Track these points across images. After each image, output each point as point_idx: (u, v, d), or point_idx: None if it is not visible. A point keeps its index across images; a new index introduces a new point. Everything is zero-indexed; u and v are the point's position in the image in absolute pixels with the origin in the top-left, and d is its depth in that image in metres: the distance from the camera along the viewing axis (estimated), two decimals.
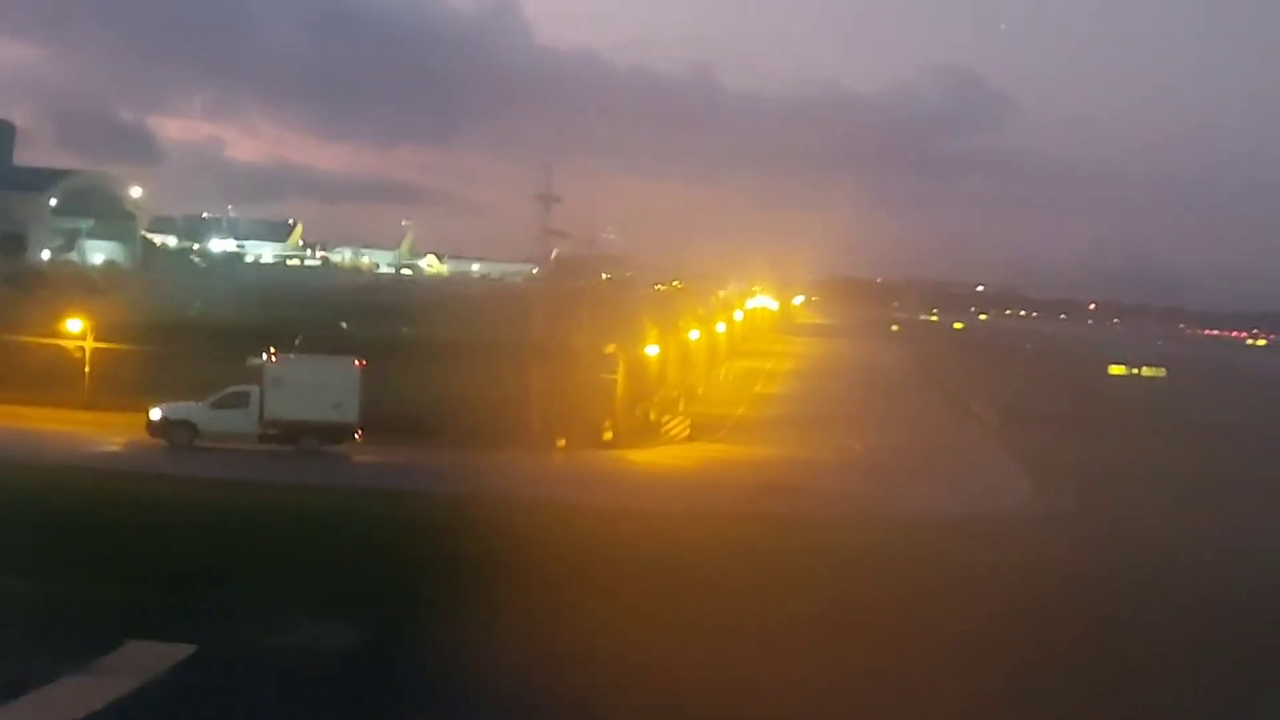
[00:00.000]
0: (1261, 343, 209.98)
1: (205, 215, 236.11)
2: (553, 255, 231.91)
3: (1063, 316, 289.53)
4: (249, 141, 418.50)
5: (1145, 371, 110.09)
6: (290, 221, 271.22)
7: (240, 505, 33.89)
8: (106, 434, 43.44)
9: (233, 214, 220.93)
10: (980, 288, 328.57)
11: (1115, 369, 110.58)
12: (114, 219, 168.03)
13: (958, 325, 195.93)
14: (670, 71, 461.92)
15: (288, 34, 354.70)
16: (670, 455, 50.62)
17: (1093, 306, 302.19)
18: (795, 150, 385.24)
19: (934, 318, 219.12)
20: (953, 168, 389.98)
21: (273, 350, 42.67)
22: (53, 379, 46.69)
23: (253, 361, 42.64)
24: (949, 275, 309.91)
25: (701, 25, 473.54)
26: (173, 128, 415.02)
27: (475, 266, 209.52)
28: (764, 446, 53.93)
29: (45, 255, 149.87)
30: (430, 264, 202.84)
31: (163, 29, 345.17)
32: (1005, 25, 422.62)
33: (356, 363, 42.49)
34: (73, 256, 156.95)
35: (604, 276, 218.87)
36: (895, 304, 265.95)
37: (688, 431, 54.09)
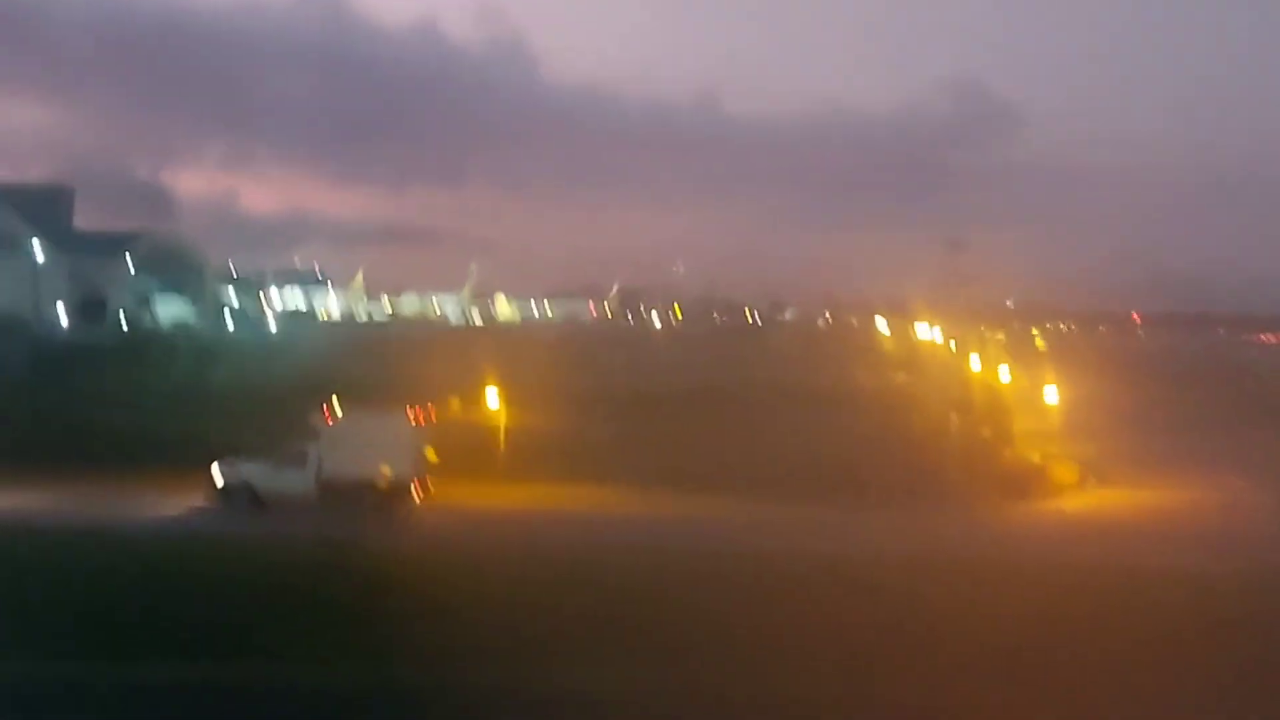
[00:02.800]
0: None
1: (234, 267, 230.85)
2: (615, 289, 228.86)
3: (1101, 328, 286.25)
4: (261, 191, 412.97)
5: None
6: (314, 268, 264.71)
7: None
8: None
9: (300, 265, 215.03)
10: (1009, 302, 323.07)
11: None
12: (182, 276, 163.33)
13: (1039, 343, 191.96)
14: (678, 100, 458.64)
15: (293, 82, 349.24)
16: (1110, 506, 45.82)
17: (1137, 317, 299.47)
18: (807, 172, 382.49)
19: (1000, 335, 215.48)
20: (966, 182, 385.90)
21: (329, 407, 40.95)
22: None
23: (311, 420, 40.96)
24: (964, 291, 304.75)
25: (707, 52, 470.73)
26: (184, 181, 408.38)
27: (543, 305, 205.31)
28: (1173, 490, 48.59)
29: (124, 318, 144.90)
30: (500, 306, 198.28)
31: (166, 82, 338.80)
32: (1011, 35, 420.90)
33: (412, 417, 40.88)
34: (144, 318, 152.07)
35: (825, 318, 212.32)
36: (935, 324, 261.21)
37: (1076, 476, 49.36)
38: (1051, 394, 61.49)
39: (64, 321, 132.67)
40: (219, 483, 39.98)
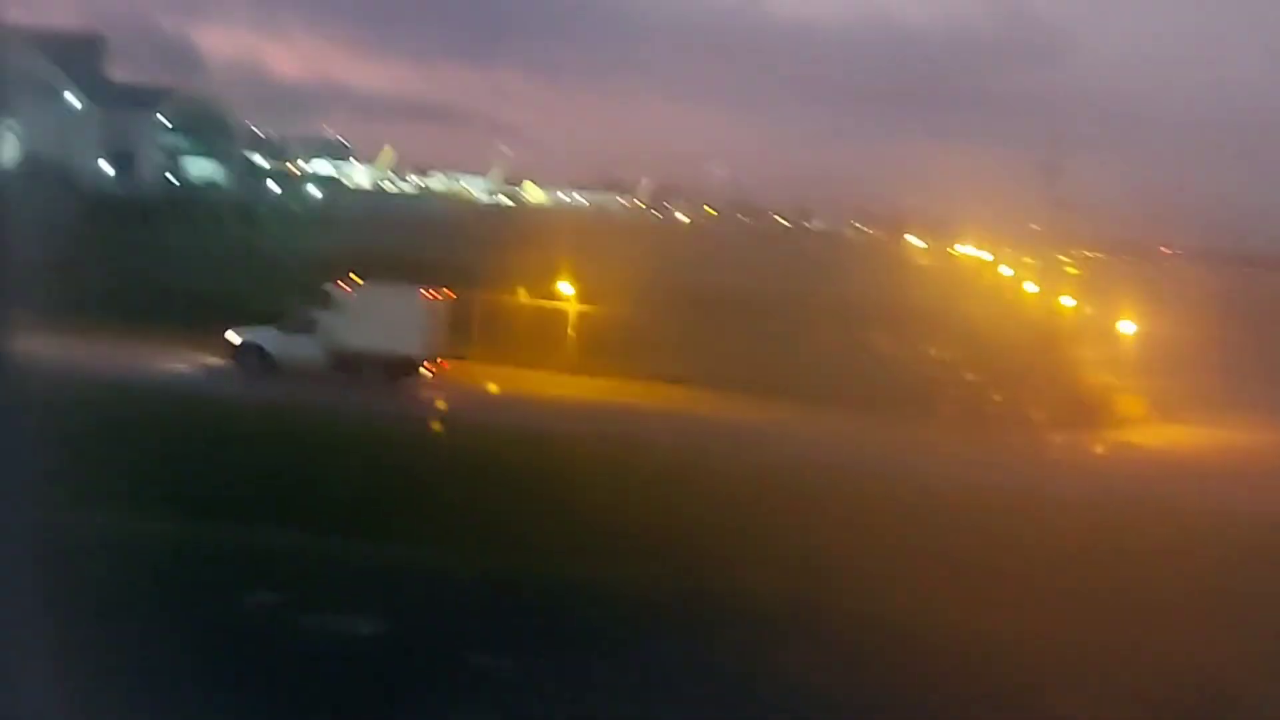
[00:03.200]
0: None
1: (256, 132, 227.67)
2: (645, 183, 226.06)
3: (1130, 258, 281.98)
4: (284, 56, 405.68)
5: None
6: (338, 139, 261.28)
7: None
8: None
9: (330, 134, 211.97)
10: (1035, 226, 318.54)
11: None
12: (212, 136, 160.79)
13: (1071, 270, 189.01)
14: None
15: None
16: (1178, 441, 44.41)
17: (1166, 250, 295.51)
18: (846, 81, 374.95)
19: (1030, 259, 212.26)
20: (1005, 104, 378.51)
21: (344, 278, 42.02)
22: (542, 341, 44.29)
23: (325, 288, 41.77)
24: (1002, 213, 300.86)
25: None
26: (205, 39, 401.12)
27: (573, 195, 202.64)
28: (1240, 430, 46.79)
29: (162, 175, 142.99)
30: (529, 192, 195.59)
31: None
32: None
33: (425, 293, 41.51)
34: (172, 176, 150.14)
35: (857, 228, 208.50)
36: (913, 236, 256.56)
37: (1143, 408, 47.98)
38: (1115, 323, 59.88)
39: (107, 173, 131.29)
40: (232, 345, 40.83)
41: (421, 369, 40.45)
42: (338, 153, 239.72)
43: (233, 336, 40.94)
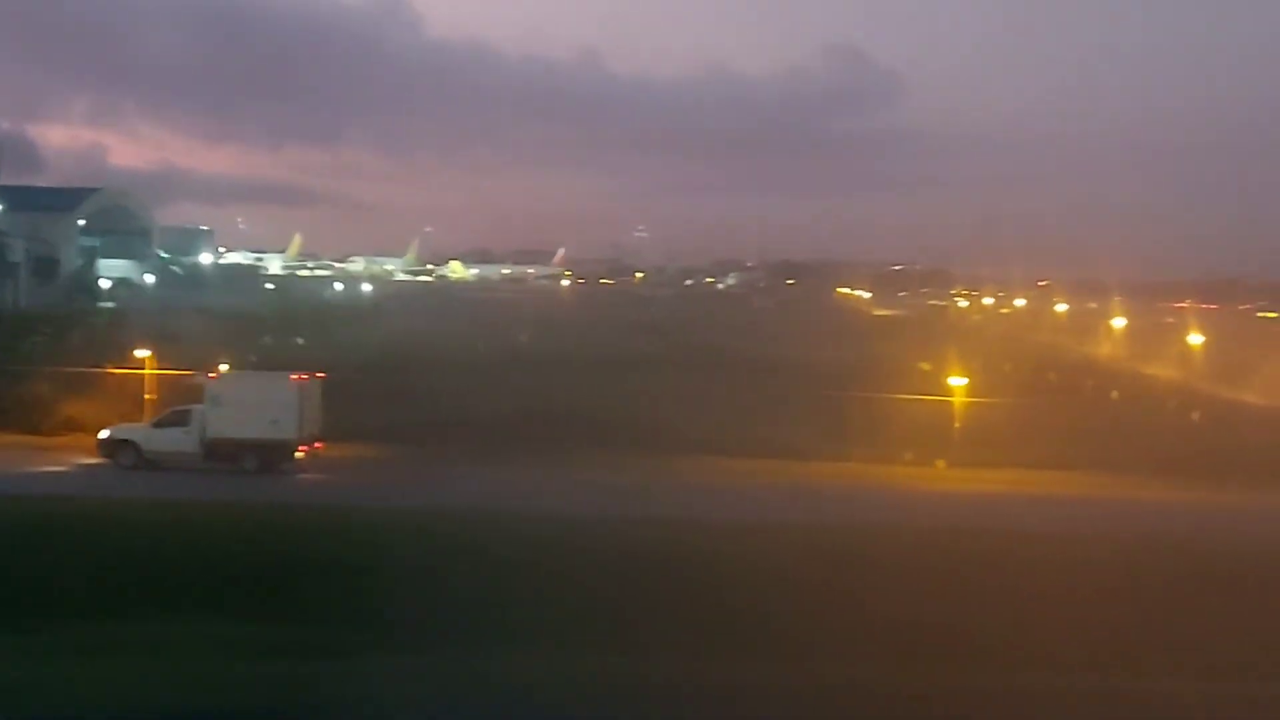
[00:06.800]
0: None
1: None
2: (559, 254, 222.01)
3: (1000, 294, 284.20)
4: (132, 147, 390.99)
5: None
6: (203, 227, 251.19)
7: None
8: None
9: (242, 225, 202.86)
10: (897, 267, 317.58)
11: None
12: (127, 236, 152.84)
13: (1004, 310, 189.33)
14: (561, 59, 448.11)
15: (169, 34, 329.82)
16: None
17: (1044, 284, 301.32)
18: (688, 135, 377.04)
19: (940, 300, 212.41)
20: (845, 147, 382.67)
21: (215, 368, 43.31)
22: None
23: (195, 379, 42.53)
24: (856, 256, 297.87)
25: (589, 10, 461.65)
26: (50, 135, 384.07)
27: (504, 270, 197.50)
28: None
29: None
30: (454, 270, 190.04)
31: (36, 32, 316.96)
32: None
33: (293, 377, 42.18)
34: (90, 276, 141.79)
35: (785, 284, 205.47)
36: (845, 288, 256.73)
37: None
38: None
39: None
40: (106, 442, 41.27)
41: (296, 453, 40.76)
42: (203, 241, 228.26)
43: (105, 433, 41.26)
